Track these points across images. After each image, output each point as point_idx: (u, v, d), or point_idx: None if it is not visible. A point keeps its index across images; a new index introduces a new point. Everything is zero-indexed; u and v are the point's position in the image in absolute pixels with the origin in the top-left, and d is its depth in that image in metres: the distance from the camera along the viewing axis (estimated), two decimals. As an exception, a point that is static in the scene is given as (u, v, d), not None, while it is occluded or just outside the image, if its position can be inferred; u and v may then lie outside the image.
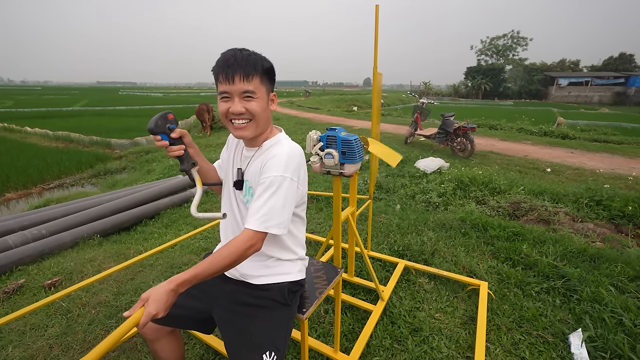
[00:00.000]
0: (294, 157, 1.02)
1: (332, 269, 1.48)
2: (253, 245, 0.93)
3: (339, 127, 1.66)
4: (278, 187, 0.96)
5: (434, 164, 4.88)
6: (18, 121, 13.99)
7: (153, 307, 0.76)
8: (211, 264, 0.87)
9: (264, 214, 0.94)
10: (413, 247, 2.61)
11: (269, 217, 0.94)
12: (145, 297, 0.78)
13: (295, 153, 1.04)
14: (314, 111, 16.35)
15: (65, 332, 1.84)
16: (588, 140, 8.38)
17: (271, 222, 0.94)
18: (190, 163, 1.04)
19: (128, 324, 0.73)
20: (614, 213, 3.27)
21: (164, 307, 0.79)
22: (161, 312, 0.78)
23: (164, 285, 0.80)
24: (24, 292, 2.30)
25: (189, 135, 1.03)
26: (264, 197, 0.96)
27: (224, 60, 0.96)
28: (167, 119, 0.97)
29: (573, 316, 1.88)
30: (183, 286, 0.83)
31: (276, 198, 0.95)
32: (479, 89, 43.17)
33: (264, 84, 1.00)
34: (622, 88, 34.62)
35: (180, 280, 0.82)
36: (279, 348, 1.03)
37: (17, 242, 2.93)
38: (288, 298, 1.11)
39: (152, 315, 0.76)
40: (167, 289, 0.79)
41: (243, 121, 1.00)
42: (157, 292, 0.79)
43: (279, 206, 0.95)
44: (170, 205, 4.27)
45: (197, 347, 1.71)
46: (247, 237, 0.92)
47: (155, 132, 0.96)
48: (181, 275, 0.83)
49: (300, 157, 1.05)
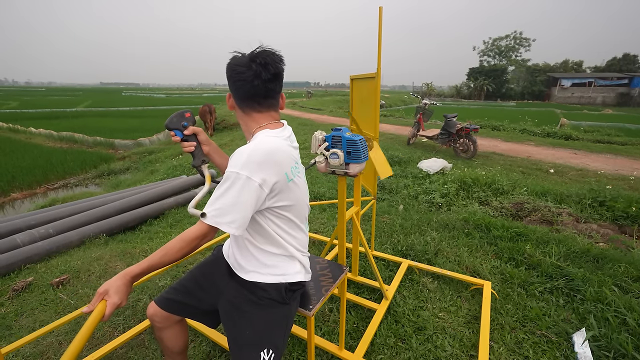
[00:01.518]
0: (256, 155, 0.93)
1: (338, 267, 1.50)
2: (205, 237, 0.94)
3: (344, 127, 1.69)
4: (231, 185, 0.91)
5: (437, 165, 4.89)
6: (23, 122, 14.12)
7: (116, 297, 0.83)
8: (165, 255, 0.91)
9: (215, 208, 0.91)
10: (416, 247, 2.63)
11: (219, 212, 0.91)
12: (103, 291, 0.83)
13: (261, 150, 0.94)
14: (316, 112, 16.38)
15: (74, 329, 1.87)
16: (591, 141, 8.36)
17: (221, 219, 0.91)
18: (201, 160, 1.08)
19: (94, 317, 0.78)
20: (618, 214, 3.27)
21: (125, 296, 0.86)
22: (124, 301, 0.85)
23: (119, 277, 0.86)
24: (33, 289, 2.33)
25: (204, 133, 1.07)
26: (219, 191, 0.93)
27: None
28: (183, 116, 1.03)
29: (577, 316, 1.89)
30: (137, 278, 0.90)
31: (228, 195, 0.91)
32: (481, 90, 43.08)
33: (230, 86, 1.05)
34: (625, 89, 34.46)
35: (134, 273, 0.88)
36: (277, 346, 1.04)
37: (25, 240, 2.97)
38: (286, 297, 1.11)
39: (116, 305, 0.82)
40: (123, 281, 0.86)
41: None
42: (116, 284, 0.85)
43: (229, 203, 0.91)
44: (175, 205, 4.30)
45: (204, 345, 1.74)
46: (199, 229, 0.92)
47: (170, 128, 1.02)
48: (134, 268, 0.89)
49: (267, 155, 0.95)
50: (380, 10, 1.75)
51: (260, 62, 0.98)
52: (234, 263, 1.17)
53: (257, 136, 1.03)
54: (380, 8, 1.76)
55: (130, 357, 1.67)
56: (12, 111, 19.29)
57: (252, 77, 0.99)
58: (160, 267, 0.92)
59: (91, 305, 0.81)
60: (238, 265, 1.15)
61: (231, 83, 1.03)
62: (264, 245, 1.09)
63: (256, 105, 1.04)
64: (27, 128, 12.81)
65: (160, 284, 2.28)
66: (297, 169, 1.08)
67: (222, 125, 12.41)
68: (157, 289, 2.24)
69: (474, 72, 45.21)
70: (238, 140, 9.25)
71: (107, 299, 0.82)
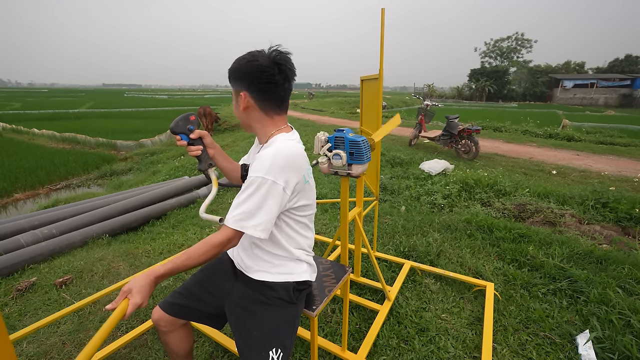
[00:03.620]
0: (279, 159, 0.95)
1: (341, 268, 1.50)
2: (229, 242, 0.95)
3: (347, 128, 1.69)
4: (256, 189, 0.93)
5: (439, 166, 4.89)
6: (26, 123, 14.22)
7: (138, 297, 0.83)
8: (188, 258, 0.91)
9: (241, 212, 0.93)
10: (419, 248, 2.62)
11: (245, 216, 0.93)
12: (127, 290, 0.84)
13: (283, 155, 0.97)
14: (317, 113, 16.40)
15: (77, 329, 1.87)
16: (594, 143, 8.33)
17: (247, 222, 0.93)
18: (207, 163, 1.07)
19: (116, 315, 0.78)
20: (621, 215, 3.25)
21: (147, 297, 0.85)
22: (145, 302, 0.84)
23: (144, 277, 0.86)
24: (36, 289, 2.34)
25: (209, 136, 1.07)
26: (243, 196, 0.95)
27: None
28: (188, 120, 1.01)
29: (580, 318, 1.88)
30: (161, 279, 0.90)
31: (254, 199, 0.93)
32: (482, 91, 43.01)
33: (233, 86, 1.05)
34: (628, 90, 34.30)
35: (158, 273, 0.89)
36: (286, 345, 1.04)
37: (28, 241, 2.98)
38: (294, 296, 1.12)
39: (137, 305, 0.82)
40: (147, 281, 0.86)
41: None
42: (139, 284, 0.85)
43: (254, 207, 0.93)
44: (177, 206, 4.32)
45: (207, 345, 1.74)
46: (224, 234, 0.94)
47: (175, 132, 1.00)
48: (159, 269, 0.89)
49: (289, 159, 0.97)
50: (383, 12, 1.76)
51: (287, 66, 1.02)
52: (240, 263, 1.18)
53: (275, 140, 1.05)
54: (383, 10, 1.77)
55: (134, 357, 1.68)
56: (15, 112, 19.42)
57: (282, 80, 1.01)
58: (182, 270, 0.91)
59: (114, 303, 0.81)
60: (245, 265, 1.16)
61: (255, 84, 0.99)
62: (271, 245, 1.10)
63: (278, 108, 1.07)
64: (30, 129, 12.89)
65: (162, 285, 2.28)
66: (310, 171, 1.11)
67: (224, 127, 12.44)
68: (160, 289, 2.24)
69: (476, 74, 45.15)
70: (240, 141, 9.26)
71: (130, 298, 0.82)
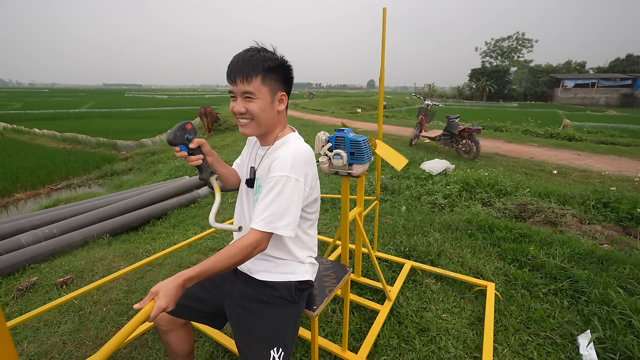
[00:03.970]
0: (300, 157, 1.01)
1: (341, 268, 1.50)
2: (259, 245, 0.95)
3: (347, 128, 1.69)
4: (283, 188, 0.96)
5: (440, 166, 4.88)
6: (27, 123, 14.23)
7: (163, 301, 0.80)
8: (217, 262, 0.90)
9: (270, 214, 0.95)
10: (419, 248, 2.62)
11: (274, 217, 0.95)
12: (155, 291, 0.81)
13: (302, 153, 1.03)
14: (318, 113, 16.39)
15: (78, 329, 1.87)
16: (595, 142, 8.31)
17: (277, 223, 0.95)
18: (209, 172, 1.06)
19: (140, 316, 0.77)
20: (622, 215, 3.24)
21: (172, 301, 0.82)
22: (170, 305, 0.82)
23: (173, 280, 0.84)
24: (37, 289, 2.34)
25: (207, 144, 1.05)
26: (269, 197, 0.96)
27: (231, 62, 1.00)
28: (185, 129, 0.98)
29: (581, 318, 1.88)
30: (190, 282, 0.87)
31: (281, 199, 0.95)
32: (483, 91, 42.93)
33: (267, 84, 0.99)
34: (629, 90, 34.23)
35: (187, 276, 0.86)
36: (287, 344, 1.04)
37: (29, 240, 2.98)
38: (296, 296, 1.12)
39: (161, 308, 0.80)
40: (175, 284, 0.83)
41: (245, 120, 1.03)
42: (167, 286, 0.82)
43: (283, 207, 0.95)
44: (177, 206, 4.32)
45: (207, 345, 1.74)
46: (253, 237, 0.94)
47: (174, 144, 0.97)
48: (188, 272, 0.87)
49: (307, 157, 1.04)
50: (384, 11, 1.76)
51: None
52: (242, 265, 1.17)
53: (289, 139, 1.09)
54: (384, 9, 1.76)
55: (134, 357, 1.68)
56: (16, 112, 19.44)
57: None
58: (211, 273, 0.90)
59: (142, 303, 0.80)
60: (247, 267, 1.16)
61: (289, 84, 1.06)
62: (276, 247, 1.10)
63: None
64: (31, 129, 12.90)
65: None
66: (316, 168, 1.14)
67: (224, 127, 12.44)
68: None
69: (476, 73, 45.08)
70: (240, 141, 9.26)
71: (156, 300, 0.80)
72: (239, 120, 1.04)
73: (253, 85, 0.97)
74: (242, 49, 1.02)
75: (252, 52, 0.99)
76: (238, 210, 1.21)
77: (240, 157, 1.28)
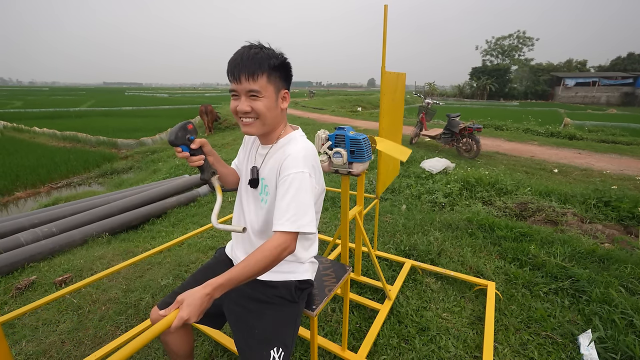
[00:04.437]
0: (309, 155, 1.04)
1: (341, 267, 1.49)
2: (287, 247, 0.92)
3: (348, 126, 1.67)
4: (300, 184, 0.96)
5: (440, 165, 4.87)
6: (27, 121, 14.21)
7: (186, 311, 0.76)
8: (245, 267, 0.87)
9: (293, 213, 0.93)
10: (419, 247, 2.61)
11: (299, 215, 0.93)
12: (180, 300, 0.78)
13: (311, 151, 1.06)
14: (318, 111, 16.37)
15: (77, 328, 1.87)
16: (596, 141, 8.29)
17: (302, 221, 0.93)
18: (210, 172, 1.05)
19: (162, 324, 0.74)
20: (623, 214, 3.23)
21: (196, 312, 0.77)
22: (193, 317, 0.77)
23: (200, 289, 0.80)
24: (36, 288, 2.34)
25: (208, 144, 1.04)
26: (288, 196, 0.95)
27: (233, 60, 0.96)
28: (186, 129, 0.97)
29: (582, 317, 1.87)
30: (219, 290, 0.82)
31: (301, 196, 0.95)
32: (484, 89, 42.83)
33: (272, 83, 0.98)
34: (630, 88, 34.14)
35: (216, 284, 0.82)
36: (287, 344, 1.03)
37: (28, 239, 2.98)
38: (295, 295, 1.12)
39: (184, 319, 0.76)
40: (202, 294, 0.79)
41: (249, 119, 1.00)
42: (192, 296, 0.78)
43: (304, 203, 0.95)
44: (177, 205, 4.31)
45: (206, 344, 1.73)
46: (280, 239, 0.91)
47: (176, 144, 0.96)
48: (217, 279, 0.83)
49: (315, 154, 1.08)
50: (386, 9, 1.74)
51: None
52: None
53: (295, 137, 1.10)
54: (386, 7, 1.75)
55: (133, 356, 1.67)
56: (16, 111, 19.42)
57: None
58: (241, 279, 0.87)
59: (167, 310, 0.78)
60: None
61: (289, 81, 1.06)
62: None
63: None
64: (31, 127, 12.89)
65: (162, 284, 2.28)
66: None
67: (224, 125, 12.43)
68: (159, 288, 2.23)
69: (477, 72, 44.97)
70: (241, 139, 9.24)
71: (180, 310, 0.77)
72: (242, 119, 1.01)
73: (259, 83, 0.95)
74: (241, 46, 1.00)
75: (255, 50, 0.96)
76: (237, 210, 1.20)
77: (237, 158, 1.26)
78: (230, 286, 0.85)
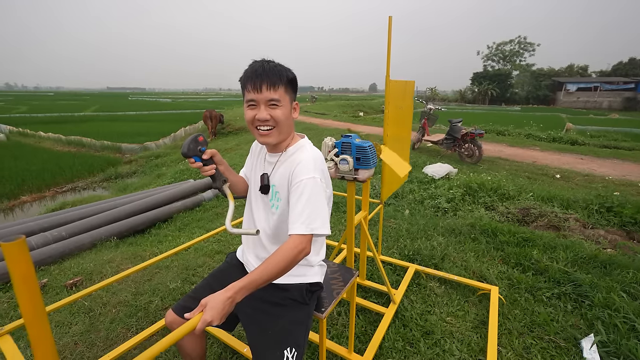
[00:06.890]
0: (319, 160, 1.11)
1: (348, 271, 1.53)
2: (303, 249, 0.97)
3: (354, 134, 1.73)
4: (312, 189, 1.02)
5: (442, 170, 4.91)
6: (32, 126, 14.40)
7: (209, 314, 0.79)
8: (264, 270, 0.90)
9: (307, 216, 0.98)
10: (423, 252, 2.64)
11: (312, 218, 0.98)
12: (204, 303, 0.81)
13: (319, 157, 1.13)
14: (320, 116, 16.46)
15: (89, 330, 1.91)
16: (598, 146, 8.30)
17: (315, 223, 0.98)
18: (222, 180, 1.10)
19: (186, 327, 0.77)
20: (626, 220, 3.26)
21: (219, 316, 0.80)
22: (216, 320, 0.80)
23: (222, 292, 0.83)
24: (47, 291, 2.38)
25: (218, 153, 1.09)
26: (301, 200, 1.00)
27: (253, 71, 1.02)
28: (197, 141, 1.02)
29: (585, 321, 1.90)
30: (240, 293, 0.85)
31: (313, 199, 1.01)
32: (485, 94, 42.95)
33: (288, 93, 1.07)
34: (632, 93, 34.12)
35: (237, 287, 0.85)
36: (300, 345, 1.07)
37: (39, 243, 3.03)
38: (307, 297, 1.16)
39: (207, 322, 0.79)
40: (225, 297, 0.82)
41: (267, 127, 1.06)
42: (216, 299, 0.81)
43: (317, 207, 1.00)
44: (183, 209, 4.36)
45: (215, 346, 1.77)
46: (296, 242, 0.96)
47: (188, 156, 1.01)
48: (238, 283, 0.86)
49: (323, 161, 1.15)
50: (390, 20, 1.80)
51: None
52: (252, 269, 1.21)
53: (304, 144, 1.16)
54: (390, 18, 1.81)
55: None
56: (21, 115, 19.65)
57: None
58: (261, 282, 0.89)
59: (192, 314, 0.81)
60: None
61: (296, 93, 1.12)
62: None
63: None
64: (36, 132, 13.04)
65: (171, 287, 2.32)
66: None
67: (227, 130, 12.53)
68: (168, 291, 2.28)
69: (478, 77, 45.15)
70: (244, 144, 9.33)
71: (204, 312, 0.80)
72: (259, 129, 1.06)
73: (279, 92, 1.03)
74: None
75: (273, 63, 1.05)
76: (247, 216, 1.25)
77: (245, 167, 1.32)
78: (252, 289, 0.88)
